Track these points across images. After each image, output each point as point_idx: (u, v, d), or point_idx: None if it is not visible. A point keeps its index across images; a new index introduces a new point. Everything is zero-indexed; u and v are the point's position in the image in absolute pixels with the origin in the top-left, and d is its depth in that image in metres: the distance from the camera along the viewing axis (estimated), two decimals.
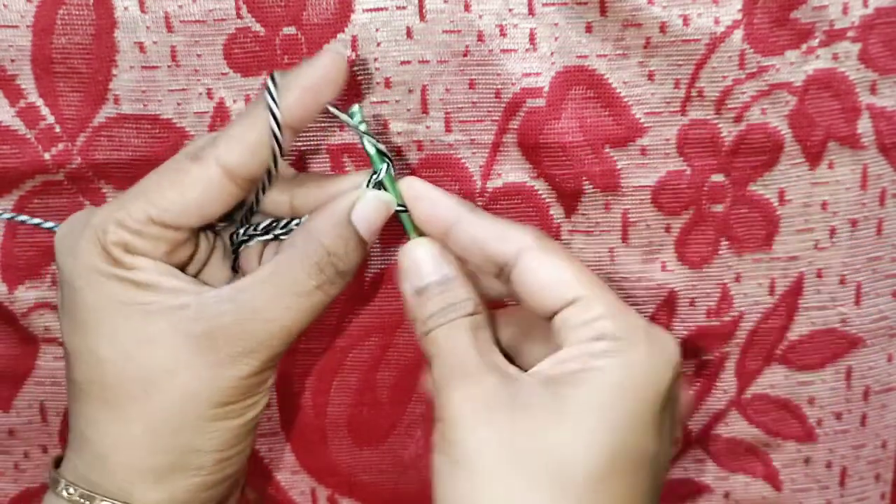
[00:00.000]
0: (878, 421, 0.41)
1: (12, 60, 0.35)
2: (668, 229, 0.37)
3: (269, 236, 0.33)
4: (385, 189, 0.32)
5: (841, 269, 0.38)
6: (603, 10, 0.34)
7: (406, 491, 0.43)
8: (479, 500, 0.28)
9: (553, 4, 0.34)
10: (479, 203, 0.37)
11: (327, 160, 0.37)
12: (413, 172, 0.37)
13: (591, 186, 0.37)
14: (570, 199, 0.37)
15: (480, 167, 0.37)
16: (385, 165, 0.32)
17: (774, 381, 0.40)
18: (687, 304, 0.39)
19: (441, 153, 0.37)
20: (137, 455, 0.30)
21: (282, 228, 0.33)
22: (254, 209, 0.33)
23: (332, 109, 0.31)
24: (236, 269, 0.34)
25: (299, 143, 0.36)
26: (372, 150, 0.32)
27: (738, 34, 0.34)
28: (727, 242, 0.38)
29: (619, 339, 0.29)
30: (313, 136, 0.36)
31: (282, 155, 0.31)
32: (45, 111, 0.36)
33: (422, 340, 0.31)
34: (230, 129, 0.31)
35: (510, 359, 0.31)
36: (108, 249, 0.30)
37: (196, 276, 0.33)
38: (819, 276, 0.38)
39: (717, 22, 0.34)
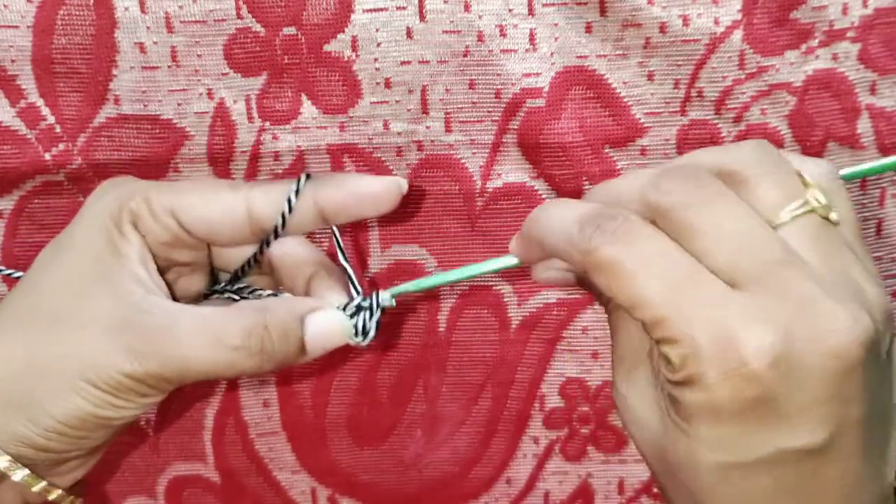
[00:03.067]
0: None
1: (13, 61, 0.35)
2: None
3: (237, 297, 0.35)
4: (363, 325, 0.32)
5: None
6: (603, 11, 0.34)
7: (406, 491, 0.43)
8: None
9: (553, 4, 0.34)
10: (479, 203, 0.37)
11: (328, 160, 0.37)
12: (413, 172, 0.37)
13: (591, 186, 0.37)
14: None
15: (480, 167, 0.37)
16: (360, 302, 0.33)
17: None
18: None
19: (441, 153, 0.37)
20: (4, 374, 0.31)
21: (248, 293, 0.34)
22: (246, 270, 0.35)
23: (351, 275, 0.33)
24: None
25: (300, 143, 0.37)
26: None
27: (737, 34, 0.34)
28: None
29: (696, 368, 0.26)
30: (314, 135, 0.36)
31: (267, 246, 0.33)
32: (45, 111, 0.36)
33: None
34: (272, 184, 0.33)
35: None
36: (121, 211, 0.32)
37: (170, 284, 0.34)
38: None
39: (716, 22, 0.34)
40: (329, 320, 0.32)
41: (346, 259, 0.33)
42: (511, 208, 0.37)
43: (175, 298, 0.34)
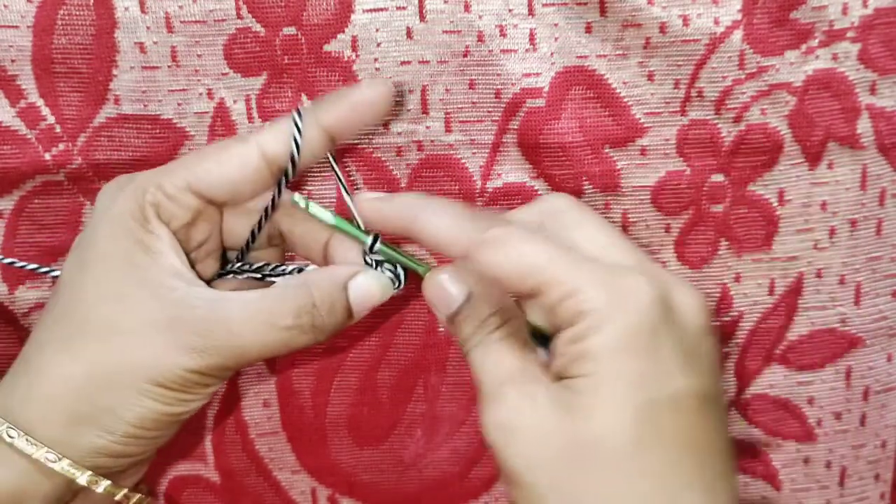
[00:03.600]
0: (877, 421, 0.41)
1: (13, 61, 0.35)
2: (667, 229, 0.38)
3: (258, 276, 0.35)
4: (393, 271, 0.34)
5: (840, 269, 0.38)
6: (603, 11, 0.34)
7: (406, 491, 0.43)
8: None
9: (553, 5, 0.34)
10: (480, 203, 0.37)
11: (328, 160, 0.37)
12: (413, 172, 0.37)
13: (590, 187, 0.37)
14: None
15: (480, 167, 0.37)
16: (369, 239, 0.34)
17: (774, 381, 0.40)
18: None
19: (441, 153, 0.37)
20: (65, 393, 0.32)
21: (271, 271, 0.35)
22: (255, 235, 0.35)
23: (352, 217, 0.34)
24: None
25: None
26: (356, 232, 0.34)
27: (737, 34, 0.34)
28: (727, 242, 0.38)
29: (591, 311, 0.29)
30: None
31: (293, 177, 0.33)
32: (45, 111, 0.36)
33: (468, 362, 0.32)
34: (275, 122, 0.33)
35: (549, 338, 0.31)
36: (144, 208, 0.32)
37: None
38: (819, 276, 0.38)
39: (716, 22, 0.34)
40: (369, 282, 0.34)
41: (347, 192, 0.34)
42: (511, 208, 0.37)
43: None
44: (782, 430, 0.41)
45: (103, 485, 0.33)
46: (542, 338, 0.32)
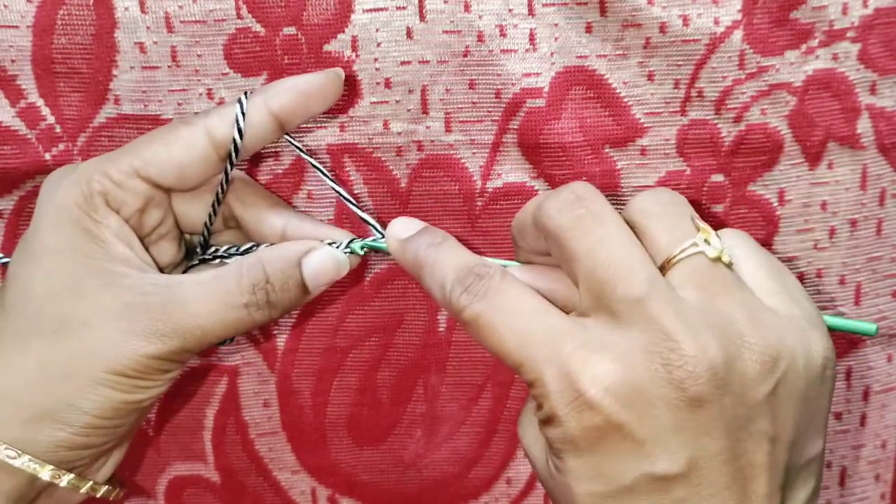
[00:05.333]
0: (877, 421, 0.41)
1: (13, 61, 0.35)
2: None
3: (228, 257, 0.35)
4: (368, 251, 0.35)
5: (841, 269, 0.38)
6: (603, 11, 0.34)
7: (406, 491, 0.43)
8: None
9: (553, 5, 0.34)
10: (479, 203, 0.37)
11: (328, 160, 0.37)
12: (413, 172, 0.37)
13: None
14: None
15: (480, 167, 0.37)
16: (361, 239, 0.35)
17: None
18: None
19: (441, 153, 0.37)
20: (20, 389, 0.31)
21: (239, 253, 0.35)
22: (214, 213, 0.35)
23: (336, 189, 0.35)
24: None
25: (301, 143, 0.36)
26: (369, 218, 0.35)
27: (737, 34, 0.34)
28: None
29: (546, 406, 0.29)
30: (314, 135, 0.36)
31: (237, 156, 0.33)
32: (45, 111, 0.36)
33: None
34: (222, 107, 0.33)
35: None
36: (91, 197, 0.32)
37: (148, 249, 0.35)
38: (819, 276, 0.38)
39: (716, 22, 0.34)
40: (324, 258, 0.34)
41: (318, 167, 0.35)
42: (511, 208, 0.37)
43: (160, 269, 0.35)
44: None
45: (66, 478, 0.32)
46: None
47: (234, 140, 0.33)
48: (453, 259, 0.32)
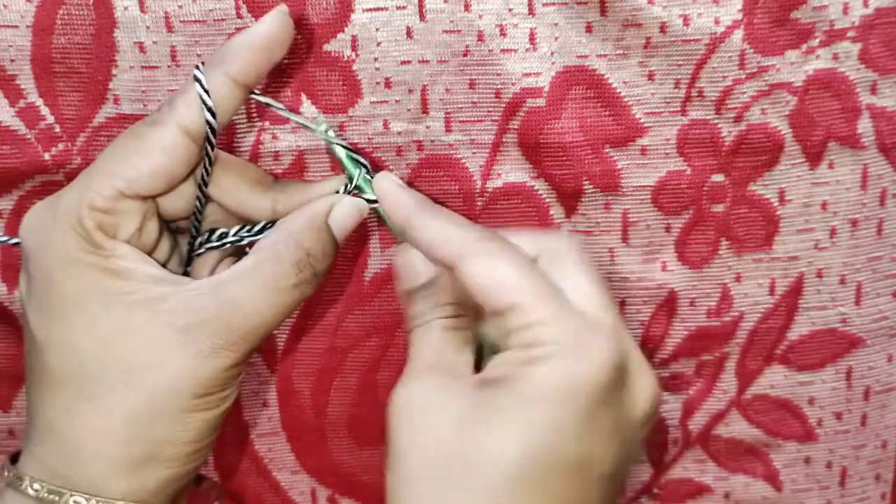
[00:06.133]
0: (878, 421, 0.41)
1: (12, 60, 0.35)
2: (668, 229, 0.37)
3: (242, 241, 0.34)
4: (360, 190, 0.34)
5: (841, 269, 0.38)
6: (603, 10, 0.34)
7: None
8: (403, 498, 0.29)
9: (553, 4, 0.34)
10: (479, 203, 0.37)
11: (327, 160, 0.37)
12: (413, 172, 0.37)
13: (591, 186, 0.37)
14: (571, 200, 0.37)
15: (480, 167, 0.37)
16: (360, 171, 0.34)
17: (774, 381, 0.40)
18: (687, 305, 0.39)
19: (441, 153, 0.37)
20: (115, 446, 0.31)
21: (252, 234, 0.34)
22: (202, 202, 0.33)
23: (300, 120, 0.34)
24: (188, 274, 0.35)
25: (300, 143, 0.36)
26: (344, 156, 0.34)
27: (738, 34, 0.34)
28: (727, 242, 0.38)
29: (547, 344, 0.28)
30: (313, 135, 0.36)
31: (216, 136, 0.32)
32: (44, 111, 0.36)
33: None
34: (185, 93, 0.32)
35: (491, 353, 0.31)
36: (89, 236, 0.30)
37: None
38: (819, 276, 0.38)
39: (717, 22, 0.34)
40: (346, 210, 0.33)
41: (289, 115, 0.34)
42: (511, 208, 0.37)
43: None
44: (783, 430, 0.41)
45: None
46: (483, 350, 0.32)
47: (207, 123, 0.31)
48: (454, 215, 0.32)
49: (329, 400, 0.41)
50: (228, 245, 0.34)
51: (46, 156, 0.36)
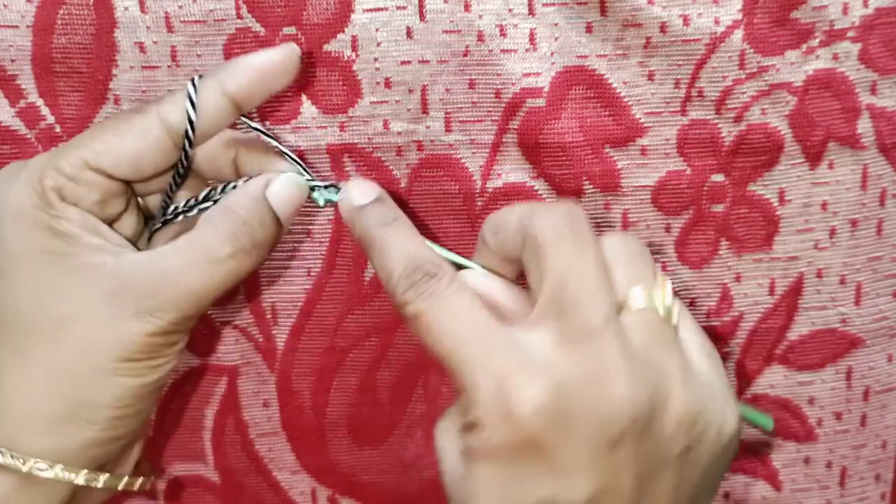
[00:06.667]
0: (878, 421, 0.41)
1: (12, 60, 0.35)
2: (668, 229, 0.37)
3: (191, 212, 0.34)
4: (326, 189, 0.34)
5: (841, 269, 0.38)
6: (603, 10, 0.34)
7: (406, 491, 0.43)
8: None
9: (553, 4, 0.34)
10: (479, 203, 0.37)
11: (327, 160, 0.37)
12: (413, 172, 0.37)
13: (591, 186, 0.37)
14: (571, 200, 0.37)
15: (480, 167, 0.37)
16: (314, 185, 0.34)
17: (774, 381, 0.40)
18: (687, 304, 0.39)
19: (441, 153, 0.37)
20: (33, 401, 0.31)
21: (199, 203, 0.34)
22: (170, 194, 0.34)
23: (252, 125, 0.34)
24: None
25: (300, 143, 0.36)
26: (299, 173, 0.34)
27: (738, 34, 0.34)
28: (727, 242, 0.38)
29: (475, 414, 0.29)
30: (313, 135, 0.36)
31: (187, 153, 0.33)
32: (45, 111, 0.36)
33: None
34: (176, 91, 0.33)
35: None
36: (44, 194, 0.31)
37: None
38: (819, 276, 0.38)
39: (717, 22, 0.34)
40: (285, 186, 0.33)
41: (270, 137, 0.34)
42: None
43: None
44: (783, 430, 0.41)
45: (102, 478, 0.32)
46: None
47: (187, 126, 0.32)
48: (403, 247, 0.32)
49: (329, 400, 0.41)
50: (182, 217, 0.34)
51: None
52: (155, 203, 0.35)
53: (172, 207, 0.35)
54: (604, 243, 0.31)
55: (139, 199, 0.35)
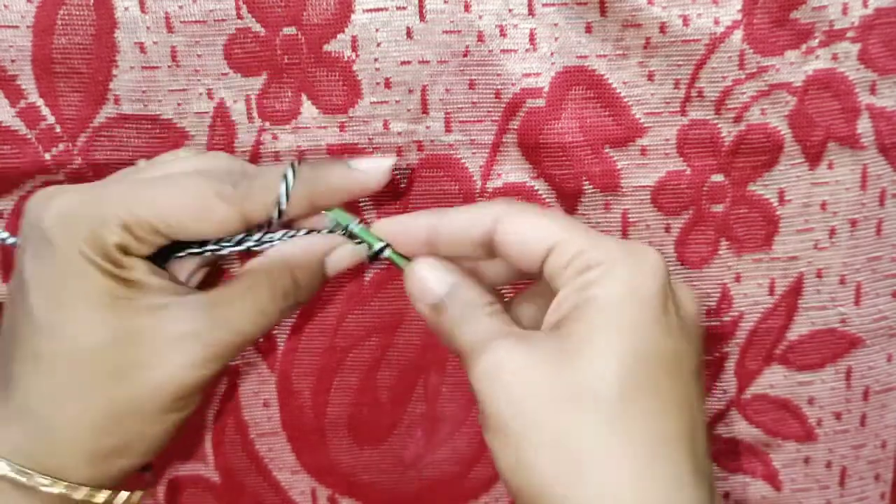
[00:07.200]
0: (877, 421, 0.41)
1: (13, 61, 0.35)
2: (667, 229, 0.37)
3: (222, 251, 0.34)
4: (353, 235, 0.34)
5: (841, 269, 0.38)
6: (603, 11, 0.34)
7: (406, 491, 0.43)
8: (532, 457, 0.28)
9: (553, 5, 0.34)
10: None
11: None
12: (413, 172, 0.37)
13: (591, 187, 0.37)
14: (570, 200, 0.37)
15: (480, 167, 0.37)
16: (354, 220, 0.34)
17: (774, 381, 0.40)
18: None
19: (441, 153, 0.37)
20: (92, 436, 0.32)
21: (232, 245, 0.34)
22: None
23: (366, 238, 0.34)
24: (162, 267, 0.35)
25: (300, 143, 0.36)
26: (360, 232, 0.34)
27: (737, 34, 0.34)
28: (727, 242, 0.38)
29: (601, 263, 0.29)
30: (314, 135, 0.36)
31: (260, 244, 0.34)
32: (45, 111, 0.36)
33: (453, 346, 0.32)
34: (263, 181, 0.33)
35: None
36: (107, 249, 0.31)
37: None
38: (819, 276, 0.38)
39: (716, 22, 0.34)
40: (347, 256, 0.35)
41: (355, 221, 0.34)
42: None
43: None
44: (782, 430, 0.41)
45: (102, 496, 0.33)
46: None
47: (268, 221, 0.33)
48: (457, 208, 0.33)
49: (329, 400, 0.41)
50: (209, 253, 0.34)
51: (47, 156, 0.36)
52: None
53: (200, 241, 0.34)
54: None
55: None
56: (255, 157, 0.37)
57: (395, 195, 0.37)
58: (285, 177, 0.33)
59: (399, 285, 0.39)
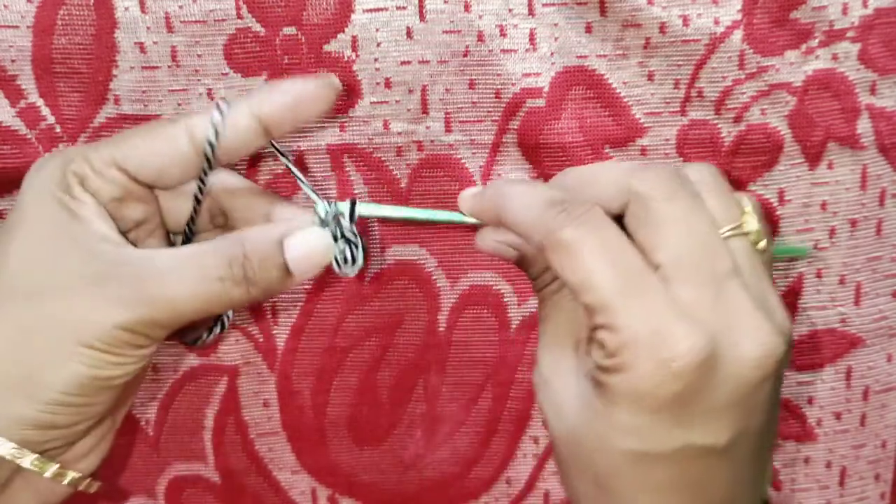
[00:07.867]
0: (877, 421, 0.41)
1: (13, 61, 0.35)
2: None
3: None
4: (351, 238, 0.33)
5: (841, 269, 0.38)
6: (603, 11, 0.34)
7: (406, 491, 0.43)
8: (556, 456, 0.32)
9: (553, 4, 0.34)
10: None
11: (327, 160, 0.37)
12: (413, 172, 0.37)
13: None
14: None
15: (480, 167, 0.37)
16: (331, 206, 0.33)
17: None
18: None
19: (441, 153, 0.37)
20: (4, 353, 0.31)
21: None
22: (194, 217, 0.34)
23: (310, 193, 0.34)
24: None
25: (300, 143, 0.37)
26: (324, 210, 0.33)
27: (737, 34, 0.34)
28: None
29: (624, 353, 0.28)
30: (313, 135, 0.36)
31: (210, 169, 0.33)
32: (45, 111, 0.36)
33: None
34: (209, 108, 0.33)
35: None
36: (66, 176, 0.32)
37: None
38: (819, 276, 0.38)
39: (716, 22, 0.34)
40: (308, 239, 0.32)
41: (300, 177, 0.34)
42: None
43: None
44: (782, 429, 0.41)
45: (28, 458, 0.31)
46: None
47: (208, 142, 0.32)
48: (543, 189, 0.32)
49: (329, 400, 0.41)
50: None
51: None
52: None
53: (183, 239, 0.35)
54: (689, 174, 0.31)
55: (171, 234, 0.36)
56: (255, 157, 0.37)
57: (395, 195, 0.37)
58: (217, 105, 0.32)
59: (399, 285, 0.39)
